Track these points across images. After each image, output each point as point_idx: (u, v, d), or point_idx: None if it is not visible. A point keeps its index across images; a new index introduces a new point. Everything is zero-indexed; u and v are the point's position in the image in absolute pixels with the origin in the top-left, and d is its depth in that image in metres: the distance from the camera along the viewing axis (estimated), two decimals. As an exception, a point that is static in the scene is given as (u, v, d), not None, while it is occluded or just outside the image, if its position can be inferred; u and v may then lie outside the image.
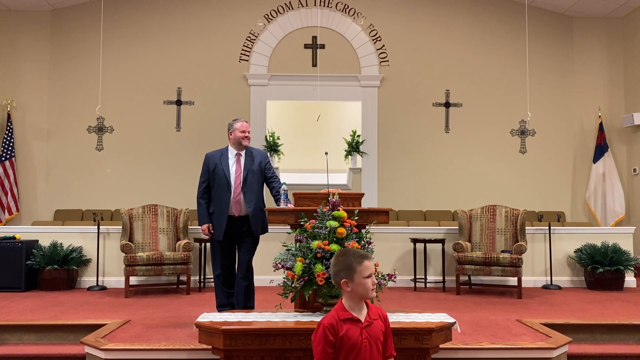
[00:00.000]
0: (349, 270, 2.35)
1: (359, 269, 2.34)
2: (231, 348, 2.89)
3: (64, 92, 8.71)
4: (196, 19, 8.86)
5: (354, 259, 2.37)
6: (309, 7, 8.92)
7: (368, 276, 2.34)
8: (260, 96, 8.85)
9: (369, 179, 8.82)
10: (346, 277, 2.35)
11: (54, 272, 6.33)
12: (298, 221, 3.55)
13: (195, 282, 6.60)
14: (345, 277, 2.35)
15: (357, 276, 2.33)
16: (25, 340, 4.18)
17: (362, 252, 2.45)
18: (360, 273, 2.33)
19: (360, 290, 2.33)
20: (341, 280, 2.35)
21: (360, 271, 2.33)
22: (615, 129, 8.85)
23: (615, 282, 6.43)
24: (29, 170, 8.60)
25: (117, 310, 5.06)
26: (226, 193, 4.47)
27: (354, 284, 2.33)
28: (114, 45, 8.70)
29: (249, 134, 4.58)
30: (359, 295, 2.34)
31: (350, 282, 2.34)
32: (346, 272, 2.35)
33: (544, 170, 8.88)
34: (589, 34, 9.00)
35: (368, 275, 2.34)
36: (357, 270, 2.33)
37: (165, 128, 8.77)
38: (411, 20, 8.99)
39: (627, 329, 4.29)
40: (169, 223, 6.57)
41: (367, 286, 2.33)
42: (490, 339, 3.75)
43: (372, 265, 2.39)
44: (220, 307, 4.50)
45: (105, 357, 3.49)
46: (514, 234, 6.35)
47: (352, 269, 2.34)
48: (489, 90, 8.92)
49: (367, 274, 2.34)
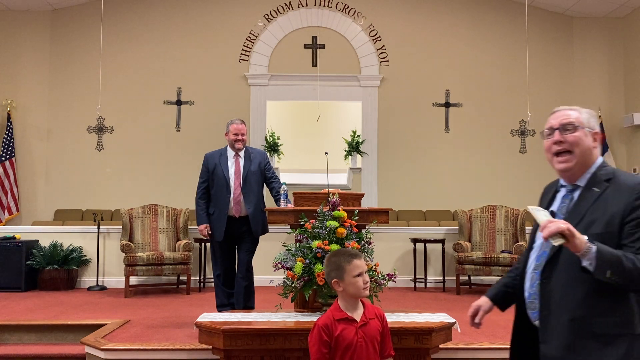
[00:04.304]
0: (339, 270, 2.36)
1: (348, 268, 2.34)
2: (231, 348, 2.89)
3: (64, 92, 8.70)
4: (196, 19, 8.85)
5: (343, 259, 2.37)
6: (309, 7, 8.92)
7: (358, 275, 2.33)
8: (260, 96, 8.85)
9: (369, 179, 8.82)
10: (337, 277, 2.36)
11: (54, 272, 6.33)
12: (298, 221, 3.55)
13: (195, 282, 6.60)
14: (336, 277, 2.36)
15: (346, 275, 2.33)
16: (25, 340, 4.18)
17: (352, 252, 2.46)
18: (349, 272, 2.33)
19: (351, 289, 2.33)
20: (332, 281, 2.37)
21: (349, 270, 2.33)
22: (615, 129, 8.84)
23: (615, 282, 6.43)
24: (29, 170, 8.60)
25: (117, 310, 5.06)
26: (226, 194, 4.47)
27: (344, 283, 2.34)
28: (114, 45, 8.70)
29: (242, 137, 4.54)
30: (350, 294, 2.35)
31: (341, 282, 2.35)
32: (336, 272, 2.36)
33: (544, 170, 8.84)
34: (589, 34, 9.00)
35: (357, 274, 2.33)
36: (346, 270, 2.34)
37: (165, 128, 8.76)
38: (411, 20, 8.99)
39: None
40: (169, 223, 6.57)
41: (357, 285, 2.33)
42: (490, 339, 3.74)
43: (363, 264, 2.38)
44: (220, 307, 4.51)
45: (105, 357, 3.49)
46: (514, 234, 6.35)
47: (341, 268, 2.35)
48: (489, 90, 8.92)
49: (356, 272, 2.33)
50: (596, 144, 1.85)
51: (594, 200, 1.77)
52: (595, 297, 1.67)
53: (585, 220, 1.74)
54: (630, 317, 1.67)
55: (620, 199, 1.72)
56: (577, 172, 1.84)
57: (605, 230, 1.70)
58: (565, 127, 1.83)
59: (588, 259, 1.62)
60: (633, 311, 1.67)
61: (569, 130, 1.82)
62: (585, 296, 1.68)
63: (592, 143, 1.83)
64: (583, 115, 1.85)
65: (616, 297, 1.66)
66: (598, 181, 1.80)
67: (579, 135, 1.81)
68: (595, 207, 1.75)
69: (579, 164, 1.82)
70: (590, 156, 1.83)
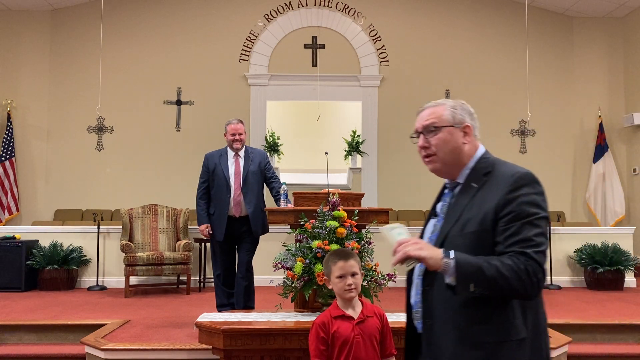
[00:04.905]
0: (327, 269, 2.39)
1: (332, 268, 2.36)
2: (231, 348, 2.90)
3: (64, 92, 8.70)
4: (196, 19, 8.85)
5: (332, 258, 2.39)
6: (309, 7, 8.92)
7: (340, 276, 2.32)
8: (260, 96, 8.85)
9: (369, 179, 8.82)
10: (327, 275, 2.40)
11: (54, 272, 6.33)
12: (298, 221, 3.55)
13: (195, 282, 6.60)
14: (326, 275, 2.41)
15: (332, 276, 2.36)
16: (25, 340, 4.18)
17: (343, 252, 2.44)
18: (333, 273, 2.35)
19: (335, 290, 2.35)
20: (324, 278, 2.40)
21: (333, 271, 2.35)
22: (615, 129, 8.84)
23: (615, 282, 6.43)
24: (29, 170, 8.60)
25: (117, 310, 5.06)
26: (226, 194, 4.47)
27: (331, 283, 2.38)
28: (114, 45, 8.70)
29: (239, 136, 4.54)
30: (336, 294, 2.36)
31: (329, 282, 2.38)
32: (326, 270, 2.41)
33: (544, 170, 8.86)
34: (589, 34, 9.00)
35: (339, 275, 2.32)
36: (331, 270, 2.36)
37: (165, 128, 8.76)
38: (411, 20, 8.99)
39: (627, 329, 4.29)
40: (169, 223, 6.57)
41: (338, 286, 2.33)
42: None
43: (349, 266, 2.33)
44: (220, 307, 4.51)
45: (105, 357, 3.49)
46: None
47: (328, 267, 2.38)
48: (489, 90, 8.92)
49: (338, 274, 2.33)
50: (469, 137, 1.73)
51: (472, 197, 1.65)
52: (474, 304, 1.55)
53: (462, 219, 1.62)
54: (512, 323, 1.54)
55: (495, 193, 1.60)
56: (454, 170, 1.74)
57: (481, 228, 1.58)
58: (428, 129, 1.72)
59: (449, 275, 1.51)
60: (515, 316, 1.55)
61: (432, 132, 1.71)
62: (464, 304, 1.56)
63: (461, 139, 1.71)
64: (447, 111, 1.72)
65: (495, 303, 1.54)
66: (477, 176, 1.69)
67: (442, 136, 1.70)
68: (472, 204, 1.63)
69: (449, 165, 1.72)
70: (462, 153, 1.71)
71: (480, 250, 1.56)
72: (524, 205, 1.55)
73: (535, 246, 1.52)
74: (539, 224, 1.55)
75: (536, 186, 1.61)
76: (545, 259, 1.54)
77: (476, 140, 1.76)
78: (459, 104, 1.76)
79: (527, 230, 1.53)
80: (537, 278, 1.50)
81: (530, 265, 1.49)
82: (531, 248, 1.51)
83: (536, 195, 1.59)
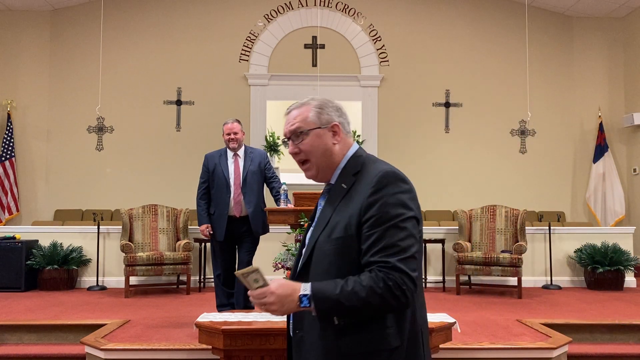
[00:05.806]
0: None
1: None
2: (231, 348, 2.89)
3: (64, 92, 8.70)
4: (196, 19, 8.85)
5: None
6: (309, 7, 8.92)
7: None
8: (260, 96, 8.85)
9: (369, 179, 8.81)
10: None
11: (54, 272, 6.33)
12: (298, 221, 3.55)
13: (195, 282, 6.60)
14: None
15: None
16: (25, 340, 4.18)
17: None
18: None
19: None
20: None
21: None
22: (615, 129, 8.84)
23: (615, 282, 6.43)
24: (29, 170, 8.60)
25: (117, 310, 5.06)
26: (226, 194, 4.47)
27: None
28: (114, 45, 8.70)
29: (234, 135, 4.53)
30: None
31: None
32: None
33: (544, 170, 8.88)
34: (589, 34, 9.00)
35: None
36: None
37: (165, 128, 8.76)
38: (411, 20, 8.99)
39: (627, 329, 4.29)
40: (169, 223, 6.57)
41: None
42: (490, 339, 3.75)
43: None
44: (220, 307, 4.51)
45: (105, 357, 3.49)
46: (514, 234, 6.35)
47: None
48: (489, 90, 8.92)
49: None
50: (338, 137, 1.63)
51: (341, 199, 1.55)
52: None
53: (331, 223, 1.52)
54: (384, 332, 1.46)
55: (360, 195, 1.50)
56: (327, 173, 1.64)
57: (346, 234, 1.48)
58: (295, 134, 1.64)
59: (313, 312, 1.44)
60: (387, 325, 1.46)
61: (299, 138, 1.63)
62: None
63: (331, 140, 1.62)
64: (312, 112, 1.63)
65: None
66: (347, 176, 1.59)
67: (310, 141, 1.61)
68: (341, 207, 1.53)
69: (324, 169, 1.63)
70: (334, 154, 1.62)
71: (347, 257, 1.48)
72: (387, 207, 1.46)
73: (399, 252, 1.43)
74: (404, 226, 1.45)
75: (401, 184, 1.51)
76: (415, 262, 1.45)
77: (348, 138, 1.67)
78: (324, 101, 1.67)
79: (390, 236, 1.44)
80: (401, 290, 1.41)
81: (391, 279, 1.40)
82: (395, 256, 1.42)
83: (401, 194, 1.49)
